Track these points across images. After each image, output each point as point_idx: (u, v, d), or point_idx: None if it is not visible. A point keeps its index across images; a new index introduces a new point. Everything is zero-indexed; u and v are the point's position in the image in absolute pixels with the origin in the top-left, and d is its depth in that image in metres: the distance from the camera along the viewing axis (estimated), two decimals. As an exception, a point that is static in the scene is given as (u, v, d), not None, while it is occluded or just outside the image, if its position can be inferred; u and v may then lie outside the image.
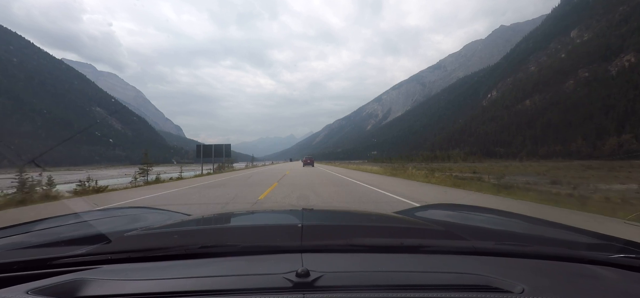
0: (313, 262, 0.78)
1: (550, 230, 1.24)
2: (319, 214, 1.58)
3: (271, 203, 7.20)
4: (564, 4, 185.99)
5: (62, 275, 0.78)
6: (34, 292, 0.68)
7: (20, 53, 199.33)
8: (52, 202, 8.32)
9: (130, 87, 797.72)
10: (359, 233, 1.15)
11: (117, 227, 1.26)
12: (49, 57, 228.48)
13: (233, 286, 0.71)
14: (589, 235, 1.09)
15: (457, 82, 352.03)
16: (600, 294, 0.72)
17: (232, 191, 9.60)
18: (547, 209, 5.86)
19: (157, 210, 1.78)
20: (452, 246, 0.95)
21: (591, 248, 0.97)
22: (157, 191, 10.93)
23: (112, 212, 1.76)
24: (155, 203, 7.87)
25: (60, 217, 1.44)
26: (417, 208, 1.70)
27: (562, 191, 8.88)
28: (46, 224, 1.31)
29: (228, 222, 1.48)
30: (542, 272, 0.81)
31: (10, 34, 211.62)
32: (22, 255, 0.88)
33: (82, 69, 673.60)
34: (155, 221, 1.44)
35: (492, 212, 1.63)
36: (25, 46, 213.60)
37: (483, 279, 0.73)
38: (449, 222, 1.34)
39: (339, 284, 0.71)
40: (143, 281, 0.75)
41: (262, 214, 1.72)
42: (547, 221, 1.33)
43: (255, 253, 0.91)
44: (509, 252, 0.92)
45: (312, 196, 8.23)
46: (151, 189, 11.92)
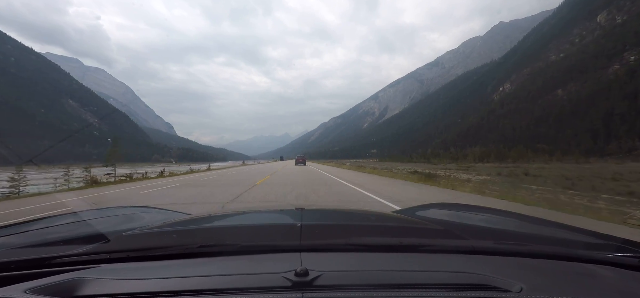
0: (312, 261, 0.78)
1: (548, 229, 1.25)
2: (318, 213, 1.57)
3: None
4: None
5: (60, 274, 0.78)
6: (32, 291, 0.68)
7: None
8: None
9: (118, 83, 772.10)
10: (357, 232, 1.15)
11: (115, 226, 1.26)
12: (13, 41, 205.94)
13: (232, 285, 0.71)
14: (587, 234, 1.09)
15: (457, 79, 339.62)
16: (598, 293, 0.72)
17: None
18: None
19: (156, 209, 1.77)
20: (450, 246, 0.96)
21: (589, 247, 0.97)
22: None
23: (110, 211, 1.74)
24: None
25: (58, 216, 1.44)
26: (416, 208, 1.69)
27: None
28: (44, 223, 1.31)
29: (227, 221, 1.48)
30: (541, 270, 0.81)
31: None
32: (20, 254, 0.88)
33: (67, 63, 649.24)
34: (154, 220, 1.43)
35: (491, 211, 1.63)
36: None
37: (482, 278, 0.73)
38: (447, 221, 1.34)
39: (337, 283, 0.71)
40: (142, 280, 0.75)
41: (261, 214, 1.71)
42: (545, 221, 1.34)
43: (254, 252, 0.91)
44: (507, 251, 0.93)
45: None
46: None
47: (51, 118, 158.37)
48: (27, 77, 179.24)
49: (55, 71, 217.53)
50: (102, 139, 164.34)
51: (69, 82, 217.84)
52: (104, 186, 12.98)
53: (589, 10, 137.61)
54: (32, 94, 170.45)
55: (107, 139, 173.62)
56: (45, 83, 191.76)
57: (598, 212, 6.09)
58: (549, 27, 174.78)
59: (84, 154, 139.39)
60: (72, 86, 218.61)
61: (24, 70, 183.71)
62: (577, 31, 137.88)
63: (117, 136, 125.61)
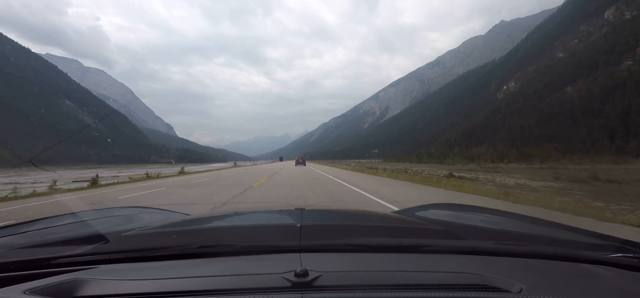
0: (311, 262, 0.78)
1: (548, 229, 1.24)
2: (317, 214, 1.57)
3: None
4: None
5: (60, 275, 0.77)
6: (31, 292, 0.67)
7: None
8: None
9: (118, 83, 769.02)
10: (357, 232, 1.14)
11: (115, 227, 1.25)
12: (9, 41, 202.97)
13: (232, 286, 0.70)
14: (587, 235, 1.09)
15: (459, 78, 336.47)
16: (598, 293, 0.72)
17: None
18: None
19: (156, 209, 1.76)
20: (450, 246, 0.95)
21: (589, 248, 0.97)
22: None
23: (110, 212, 1.75)
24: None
25: (58, 217, 1.43)
26: (416, 208, 1.67)
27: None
28: (44, 224, 1.30)
29: (226, 222, 1.47)
30: (541, 271, 0.81)
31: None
32: (19, 254, 0.88)
33: (67, 64, 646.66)
34: (154, 221, 1.43)
35: (491, 212, 1.62)
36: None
37: (482, 278, 0.72)
38: (447, 222, 1.33)
39: (337, 284, 0.70)
40: (141, 281, 0.74)
41: (261, 214, 1.71)
42: (545, 221, 1.33)
43: (253, 253, 0.90)
44: (507, 252, 0.92)
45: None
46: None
47: (47, 118, 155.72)
48: (22, 77, 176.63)
49: (52, 71, 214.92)
50: (100, 140, 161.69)
51: (66, 83, 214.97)
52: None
53: (596, 6, 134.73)
54: (28, 94, 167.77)
55: (107, 140, 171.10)
56: (42, 83, 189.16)
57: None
58: (554, 25, 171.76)
59: (80, 156, 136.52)
60: (71, 87, 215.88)
61: (20, 70, 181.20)
62: (584, 28, 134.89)
63: (116, 137, 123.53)
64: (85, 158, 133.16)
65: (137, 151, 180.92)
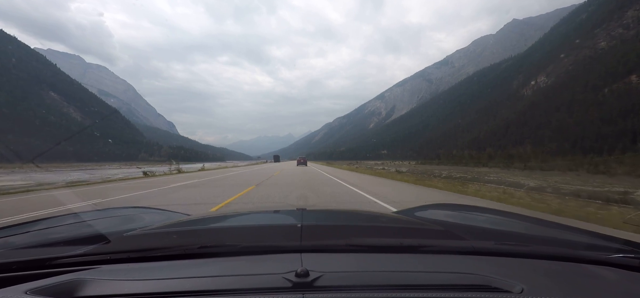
0: (312, 262, 0.78)
1: (549, 230, 1.23)
2: (318, 214, 1.57)
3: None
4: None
5: (61, 275, 0.77)
6: (32, 292, 0.67)
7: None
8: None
9: (120, 80, 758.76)
10: (358, 233, 1.14)
11: (116, 227, 1.25)
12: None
13: (232, 286, 0.70)
14: (587, 235, 1.08)
15: (472, 76, 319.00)
16: (599, 294, 0.71)
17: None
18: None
19: (156, 209, 1.76)
20: (451, 246, 0.94)
21: (590, 248, 0.96)
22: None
23: (111, 212, 1.74)
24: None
25: (59, 217, 1.43)
26: (416, 208, 1.65)
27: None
28: (45, 224, 1.30)
29: (227, 222, 1.47)
30: (542, 271, 0.80)
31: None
32: (21, 255, 0.88)
33: (69, 60, 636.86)
34: (154, 221, 1.42)
35: (492, 212, 1.60)
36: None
37: (482, 279, 0.72)
38: (448, 222, 1.32)
39: (338, 284, 0.70)
40: (142, 281, 0.74)
41: (261, 214, 1.71)
42: (546, 222, 1.33)
43: (254, 253, 0.90)
44: (508, 252, 0.92)
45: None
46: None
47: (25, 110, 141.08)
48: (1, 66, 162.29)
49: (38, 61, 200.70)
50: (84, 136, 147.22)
51: (51, 73, 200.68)
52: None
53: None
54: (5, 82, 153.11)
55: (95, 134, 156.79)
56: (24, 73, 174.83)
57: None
58: (588, 14, 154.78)
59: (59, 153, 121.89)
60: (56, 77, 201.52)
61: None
62: (631, 14, 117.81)
63: (104, 132, 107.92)
64: (63, 155, 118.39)
65: (126, 148, 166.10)
